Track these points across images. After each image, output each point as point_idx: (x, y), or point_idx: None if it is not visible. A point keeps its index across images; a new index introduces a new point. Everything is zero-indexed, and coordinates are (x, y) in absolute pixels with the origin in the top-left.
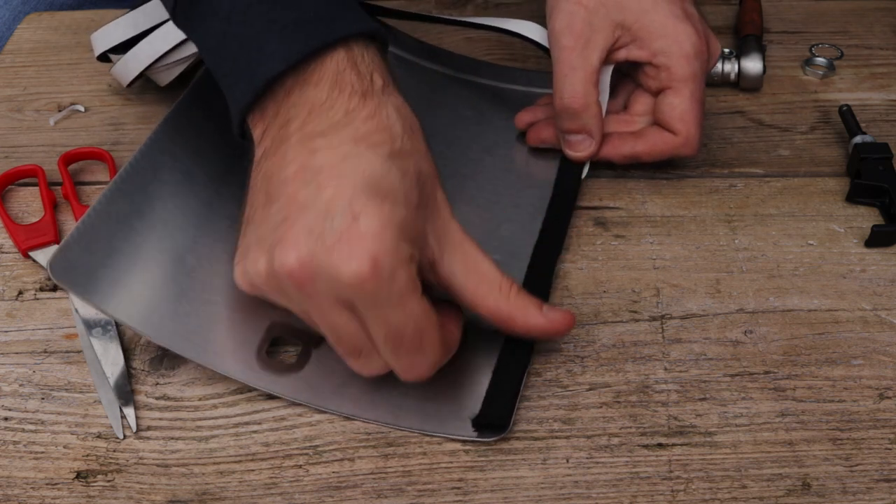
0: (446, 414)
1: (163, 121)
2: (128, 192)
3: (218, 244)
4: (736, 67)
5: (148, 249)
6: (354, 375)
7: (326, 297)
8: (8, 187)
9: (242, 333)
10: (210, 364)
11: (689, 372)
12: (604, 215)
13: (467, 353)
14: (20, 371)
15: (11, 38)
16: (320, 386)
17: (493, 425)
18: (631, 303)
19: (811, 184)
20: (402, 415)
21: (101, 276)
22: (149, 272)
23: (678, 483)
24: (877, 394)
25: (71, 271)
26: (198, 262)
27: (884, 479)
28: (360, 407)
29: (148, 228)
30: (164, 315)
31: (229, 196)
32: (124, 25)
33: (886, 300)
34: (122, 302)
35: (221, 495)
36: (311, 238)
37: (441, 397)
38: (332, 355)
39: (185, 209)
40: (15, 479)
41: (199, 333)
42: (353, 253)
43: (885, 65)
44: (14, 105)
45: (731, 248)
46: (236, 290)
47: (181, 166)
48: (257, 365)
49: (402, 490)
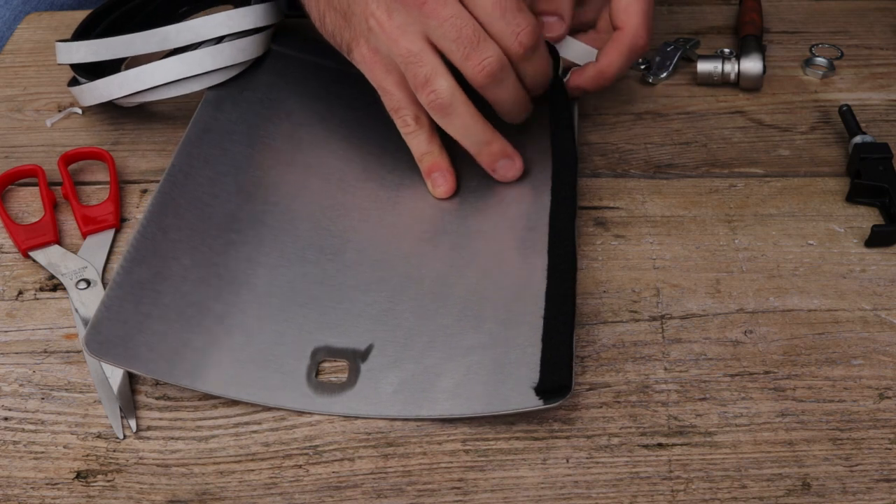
0: (508, 391)
1: (163, 180)
2: (143, 259)
3: (242, 289)
4: (736, 67)
5: (175, 308)
6: (404, 380)
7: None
8: (8, 187)
9: (288, 364)
10: (265, 401)
11: (689, 372)
12: (604, 215)
13: (512, 329)
14: (20, 371)
15: (11, 38)
16: (376, 396)
17: (556, 389)
18: (631, 303)
19: (811, 184)
20: (463, 403)
21: (138, 342)
22: (182, 329)
23: (678, 483)
24: (877, 394)
25: (107, 345)
26: (226, 309)
27: (884, 479)
28: (422, 407)
29: (171, 288)
30: (207, 366)
31: (240, 242)
32: (86, 51)
33: (886, 300)
34: (164, 363)
35: (221, 495)
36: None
37: (498, 377)
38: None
39: (200, 262)
40: (15, 479)
41: (245, 374)
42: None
43: (885, 65)
44: (14, 105)
45: (731, 248)
46: (271, 325)
47: (187, 222)
48: (310, 391)
49: (402, 490)
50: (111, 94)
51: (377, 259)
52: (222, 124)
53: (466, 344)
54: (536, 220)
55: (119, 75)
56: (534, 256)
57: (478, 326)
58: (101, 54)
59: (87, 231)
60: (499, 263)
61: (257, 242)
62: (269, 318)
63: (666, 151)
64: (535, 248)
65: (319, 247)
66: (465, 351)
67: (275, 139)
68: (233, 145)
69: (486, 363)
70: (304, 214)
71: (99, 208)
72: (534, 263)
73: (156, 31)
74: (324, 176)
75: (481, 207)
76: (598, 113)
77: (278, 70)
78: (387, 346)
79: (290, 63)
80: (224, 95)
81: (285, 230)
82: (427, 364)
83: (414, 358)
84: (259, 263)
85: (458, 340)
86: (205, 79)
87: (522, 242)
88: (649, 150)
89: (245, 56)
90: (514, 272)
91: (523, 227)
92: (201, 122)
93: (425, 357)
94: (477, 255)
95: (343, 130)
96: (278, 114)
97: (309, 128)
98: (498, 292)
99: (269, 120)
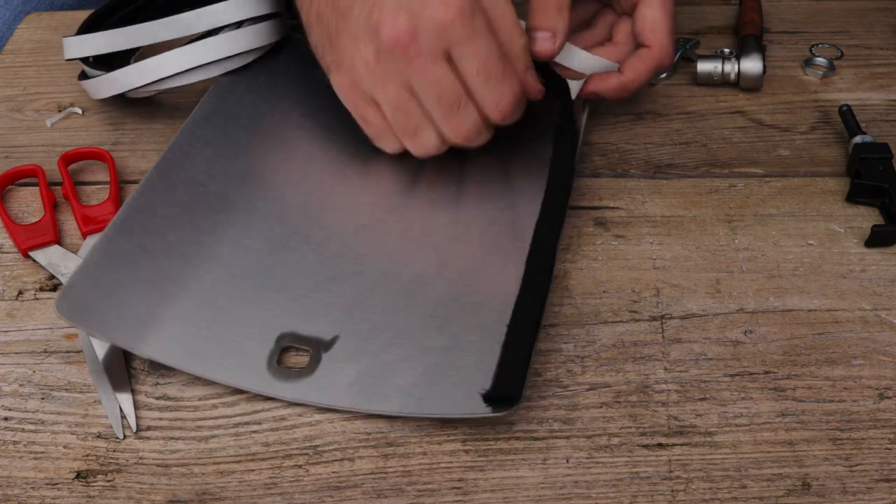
0: (459, 396)
1: (161, 157)
2: (128, 231)
3: (220, 268)
4: (736, 67)
5: (151, 281)
6: (361, 372)
7: (429, 52)
8: (8, 187)
9: (251, 346)
10: (222, 379)
11: (689, 372)
12: (604, 215)
13: (475, 333)
14: (20, 371)
15: (11, 38)
16: (331, 386)
17: (505, 399)
18: (631, 303)
19: (811, 184)
20: (414, 403)
21: (107, 309)
22: (154, 301)
23: (678, 483)
24: (877, 394)
25: (77, 309)
26: (199, 286)
27: (884, 479)
28: (373, 401)
29: (150, 262)
30: (171, 338)
31: (227, 223)
32: (103, 41)
33: (886, 300)
34: (128, 331)
35: (221, 495)
36: (400, 12)
37: (452, 381)
38: (341, 357)
39: (184, 240)
40: (15, 479)
41: (207, 352)
42: (440, 1)
43: (885, 65)
44: (14, 105)
45: (731, 248)
46: (241, 306)
47: (178, 200)
48: (268, 375)
49: (402, 490)
50: (132, 82)
51: (360, 253)
52: (231, 108)
53: (428, 344)
54: (523, 230)
55: (138, 64)
56: (511, 265)
57: (442, 328)
58: (118, 44)
59: (87, 231)
60: (476, 269)
61: (244, 226)
62: (240, 300)
63: (666, 151)
64: (515, 258)
65: (305, 236)
66: (424, 351)
67: (281, 127)
68: (237, 129)
69: (443, 365)
70: (297, 203)
71: (99, 208)
72: (510, 272)
73: (177, 17)
74: (323, 168)
75: (473, 212)
76: (598, 113)
77: (296, 60)
78: (351, 338)
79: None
80: (238, 80)
81: (274, 217)
82: (386, 360)
83: (374, 353)
84: (241, 246)
85: (421, 340)
86: (223, 64)
87: (504, 251)
88: (649, 150)
89: (263, 41)
90: (490, 279)
91: (508, 236)
92: (210, 104)
93: (385, 353)
94: (457, 258)
95: (351, 124)
96: (289, 102)
97: (317, 118)
98: (469, 297)
99: (279, 108)
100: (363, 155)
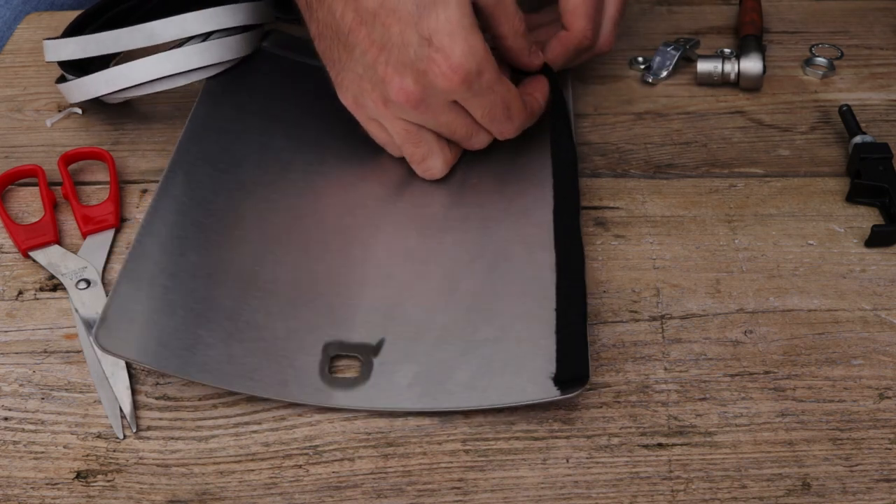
0: (523, 383)
1: (163, 177)
2: (149, 255)
3: (248, 285)
4: (736, 67)
5: (184, 304)
6: (418, 373)
7: (438, 106)
8: (8, 187)
9: (300, 360)
10: (281, 396)
11: (689, 372)
12: (604, 215)
13: (522, 321)
14: (20, 371)
15: (11, 38)
16: (391, 389)
17: (575, 379)
18: (631, 303)
19: (811, 184)
20: (479, 395)
21: (148, 338)
22: (191, 325)
23: (678, 483)
24: (877, 394)
25: (118, 340)
26: (235, 305)
27: (884, 479)
28: (438, 399)
29: (178, 284)
30: (221, 362)
31: (245, 239)
32: (74, 47)
33: (886, 300)
34: (175, 359)
35: (221, 495)
36: (406, 71)
37: (513, 369)
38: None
39: (206, 260)
40: (15, 479)
41: (260, 371)
42: (443, 70)
43: (885, 65)
44: (14, 105)
45: (731, 248)
46: (281, 321)
47: (191, 219)
48: (325, 386)
49: (402, 490)
50: (98, 90)
51: (382, 255)
52: (219, 122)
53: (478, 337)
54: (540, 216)
55: (107, 71)
56: (540, 251)
57: (488, 320)
58: (88, 50)
59: (87, 231)
60: (505, 259)
61: (261, 239)
62: (277, 315)
63: (666, 151)
64: (541, 244)
65: (324, 242)
66: (477, 344)
67: (273, 137)
68: (231, 143)
69: (498, 356)
70: (307, 211)
71: (99, 208)
72: (541, 259)
73: (142, 26)
74: (324, 174)
75: (483, 203)
76: (598, 113)
77: (272, 69)
78: (398, 341)
79: (282, 63)
80: (220, 93)
81: (288, 227)
82: (440, 358)
83: (426, 352)
84: (264, 260)
85: (470, 334)
86: (192, 74)
87: (527, 238)
88: (649, 150)
89: (232, 54)
90: (522, 268)
91: (527, 223)
92: (198, 119)
93: (438, 351)
94: (483, 250)
95: (340, 129)
96: (274, 112)
97: (306, 126)
98: (506, 287)
99: (266, 118)
100: (358, 158)
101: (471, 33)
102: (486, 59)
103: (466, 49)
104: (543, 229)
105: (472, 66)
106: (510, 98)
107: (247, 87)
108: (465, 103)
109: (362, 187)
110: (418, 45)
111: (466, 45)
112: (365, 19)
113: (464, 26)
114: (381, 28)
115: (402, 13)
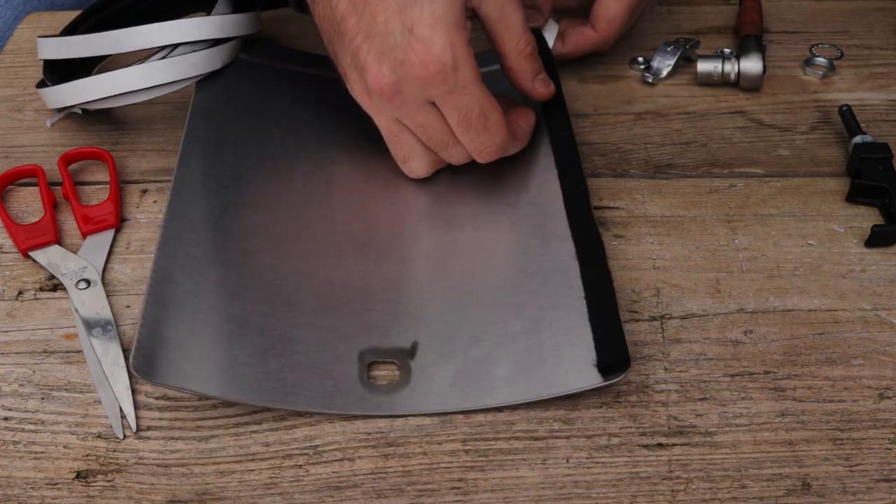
0: (564, 372)
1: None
2: (168, 277)
3: (273, 299)
4: (736, 67)
5: (212, 324)
6: (457, 373)
7: (414, 102)
8: (8, 187)
9: (339, 370)
10: (324, 408)
11: (689, 372)
12: (604, 215)
13: (552, 312)
14: (20, 371)
15: (12, 38)
16: (432, 392)
17: (616, 364)
18: (631, 303)
19: (811, 184)
20: (522, 389)
21: (182, 362)
22: (223, 344)
23: (678, 483)
24: (877, 394)
25: (154, 368)
26: (265, 321)
27: (884, 479)
28: (482, 397)
29: (204, 304)
30: (262, 379)
31: (260, 252)
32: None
33: (886, 300)
34: (214, 381)
35: (221, 495)
36: (384, 59)
37: (551, 360)
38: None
39: (226, 277)
40: (15, 479)
41: (301, 385)
42: (420, 59)
43: (885, 65)
44: (14, 105)
45: (731, 248)
46: (312, 332)
47: (203, 237)
48: (367, 394)
49: (402, 490)
50: (75, 99)
51: (398, 258)
52: (214, 135)
53: (510, 332)
54: (549, 207)
55: (83, 80)
56: (556, 242)
57: (517, 314)
58: (61, 52)
59: (87, 231)
60: (523, 251)
61: (276, 253)
62: (307, 327)
63: (666, 151)
64: (557, 234)
65: (338, 250)
66: (509, 338)
67: (269, 148)
68: (229, 157)
69: (534, 348)
70: (316, 220)
71: (99, 208)
72: (559, 249)
73: (107, 33)
74: (326, 181)
75: (489, 198)
76: (598, 113)
77: (256, 79)
78: (431, 342)
79: (265, 72)
80: (211, 106)
81: (301, 237)
82: (476, 355)
83: (461, 351)
84: (283, 273)
85: (501, 329)
86: (169, 87)
87: (540, 229)
88: (649, 150)
89: (208, 67)
90: (541, 259)
91: (538, 214)
92: (194, 134)
93: (473, 349)
94: (497, 245)
95: (333, 135)
96: (267, 122)
97: (300, 134)
98: (528, 279)
99: (259, 129)
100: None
101: (453, 29)
102: (465, 58)
103: (446, 42)
104: (556, 219)
105: (448, 60)
106: (488, 107)
107: (235, 100)
108: (441, 102)
109: (365, 191)
110: (400, 35)
111: (446, 39)
112: (357, 7)
113: (447, 21)
114: (369, 16)
115: (390, 2)
